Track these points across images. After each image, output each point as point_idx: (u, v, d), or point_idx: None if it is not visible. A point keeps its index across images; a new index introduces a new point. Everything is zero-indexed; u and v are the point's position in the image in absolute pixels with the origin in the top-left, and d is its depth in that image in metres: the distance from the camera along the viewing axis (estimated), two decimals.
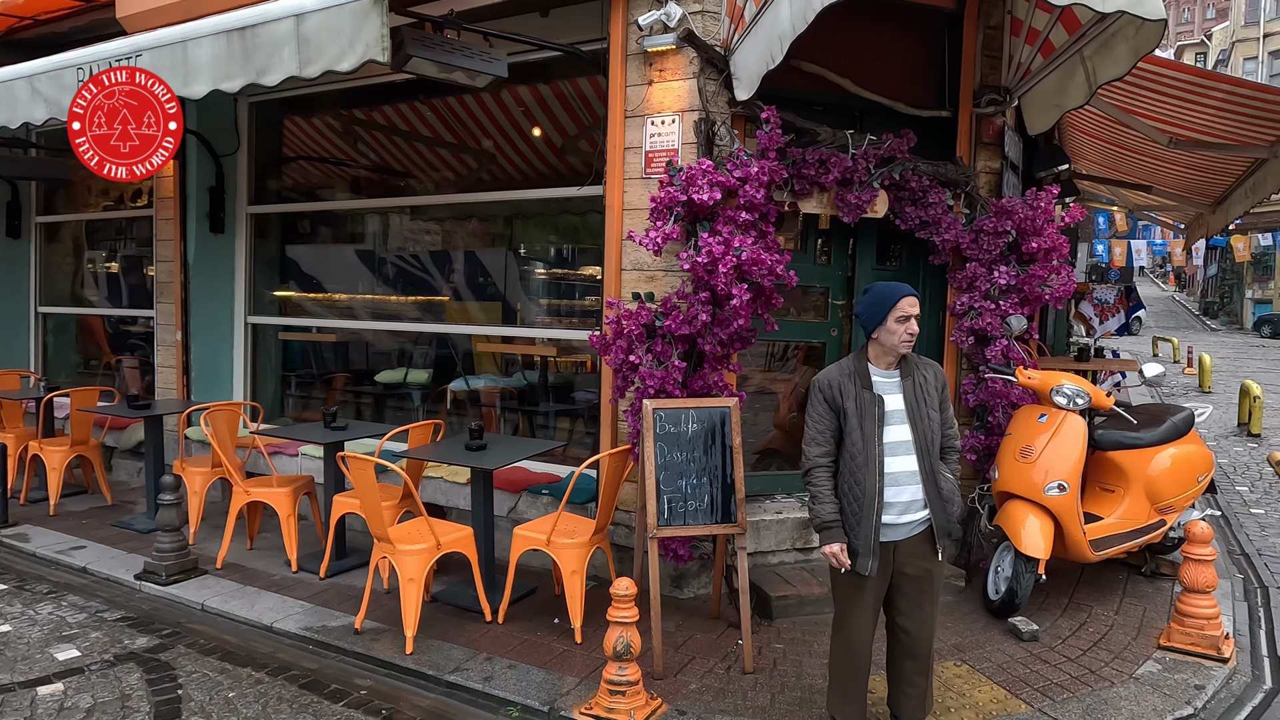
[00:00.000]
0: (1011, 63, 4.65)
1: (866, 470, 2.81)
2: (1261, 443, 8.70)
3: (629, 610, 3.13)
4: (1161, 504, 4.43)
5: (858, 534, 2.83)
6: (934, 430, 2.87)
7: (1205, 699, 3.38)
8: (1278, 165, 5.41)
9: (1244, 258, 22.42)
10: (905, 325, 2.80)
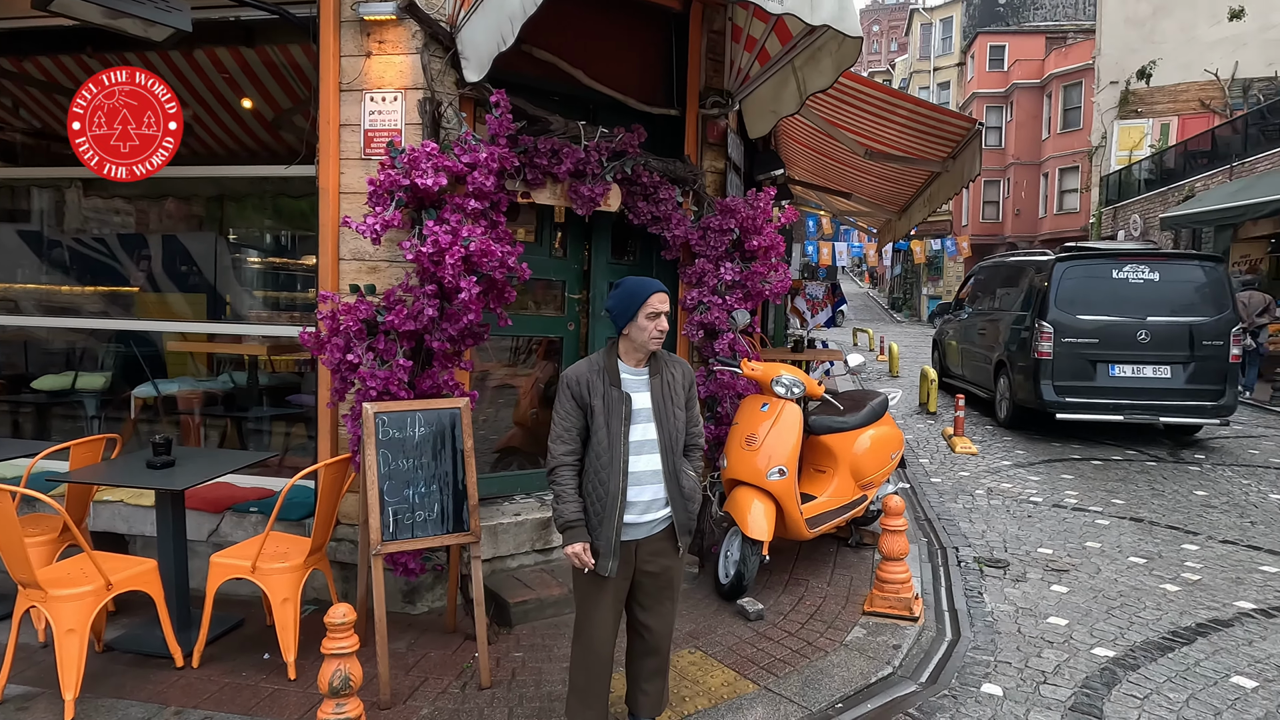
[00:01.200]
0: (733, 68, 4.86)
1: (611, 469, 2.75)
2: (937, 419, 10.08)
3: (346, 639, 2.79)
4: (864, 481, 4.88)
5: (599, 534, 2.77)
6: (679, 429, 2.86)
7: (901, 656, 3.74)
8: (949, 178, 6.22)
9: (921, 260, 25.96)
10: (655, 322, 2.75)
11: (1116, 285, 8.43)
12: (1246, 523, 5.90)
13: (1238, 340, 8.38)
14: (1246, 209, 13.47)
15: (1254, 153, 15.61)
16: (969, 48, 39.09)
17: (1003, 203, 37.75)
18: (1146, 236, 19.42)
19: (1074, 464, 7.71)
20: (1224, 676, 3.59)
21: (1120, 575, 4.82)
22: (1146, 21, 23.31)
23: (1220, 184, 16.22)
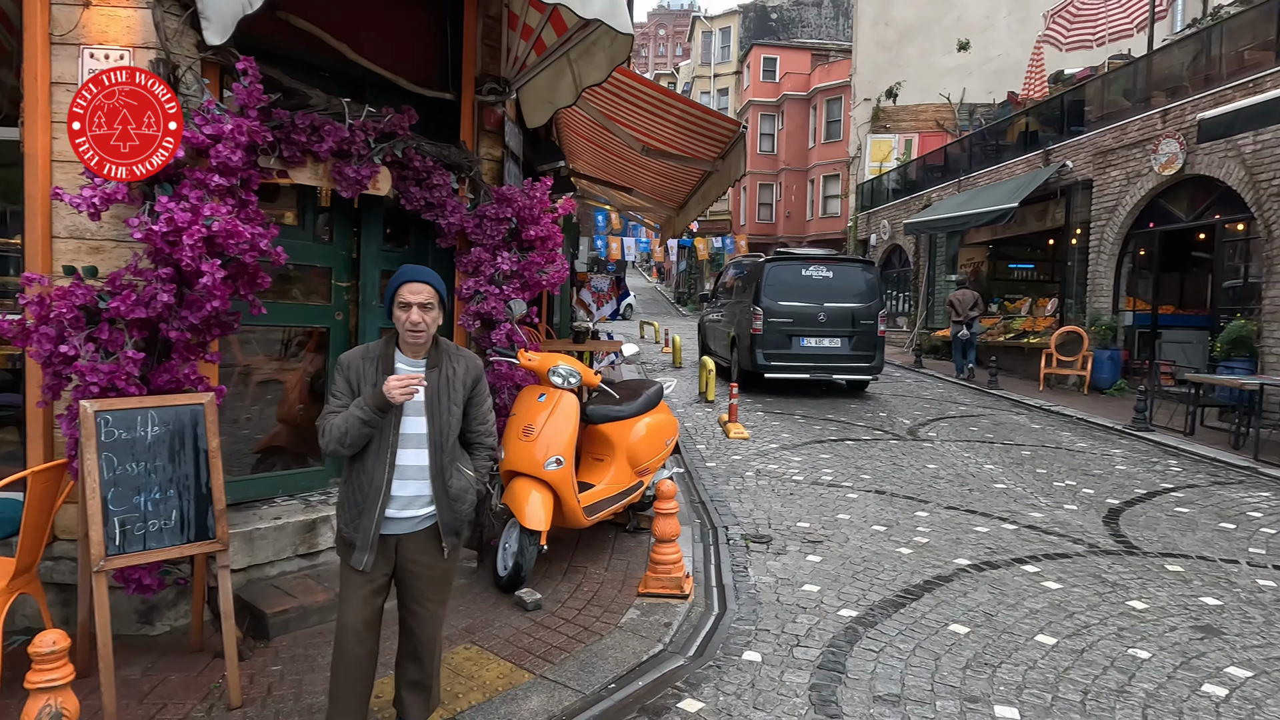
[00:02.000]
0: (510, 55, 4.81)
1: (377, 461, 2.66)
2: (714, 407, 10.64)
3: (57, 670, 2.44)
4: (641, 467, 5.04)
5: (358, 526, 2.67)
6: (451, 425, 2.76)
7: (672, 633, 3.91)
8: (719, 177, 6.56)
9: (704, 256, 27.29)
10: (407, 314, 2.65)
11: (805, 280, 11.45)
12: (966, 490, 6.76)
13: (884, 319, 11.76)
14: (969, 218, 15.43)
15: (977, 169, 17.92)
16: (745, 58, 41.56)
17: (775, 205, 40.54)
18: (894, 239, 21.72)
19: (831, 445, 8.45)
20: (944, 625, 4.09)
21: (865, 543, 5.34)
22: (893, 46, 26.00)
23: (951, 195, 18.46)
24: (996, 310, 17.12)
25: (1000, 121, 18.53)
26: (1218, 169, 10.89)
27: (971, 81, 24.29)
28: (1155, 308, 13.22)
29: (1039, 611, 4.27)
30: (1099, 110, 14.31)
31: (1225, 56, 11.61)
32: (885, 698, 3.35)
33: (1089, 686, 3.49)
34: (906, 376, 15.32)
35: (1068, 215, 14.35)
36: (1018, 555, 5.16)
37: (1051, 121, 15.67)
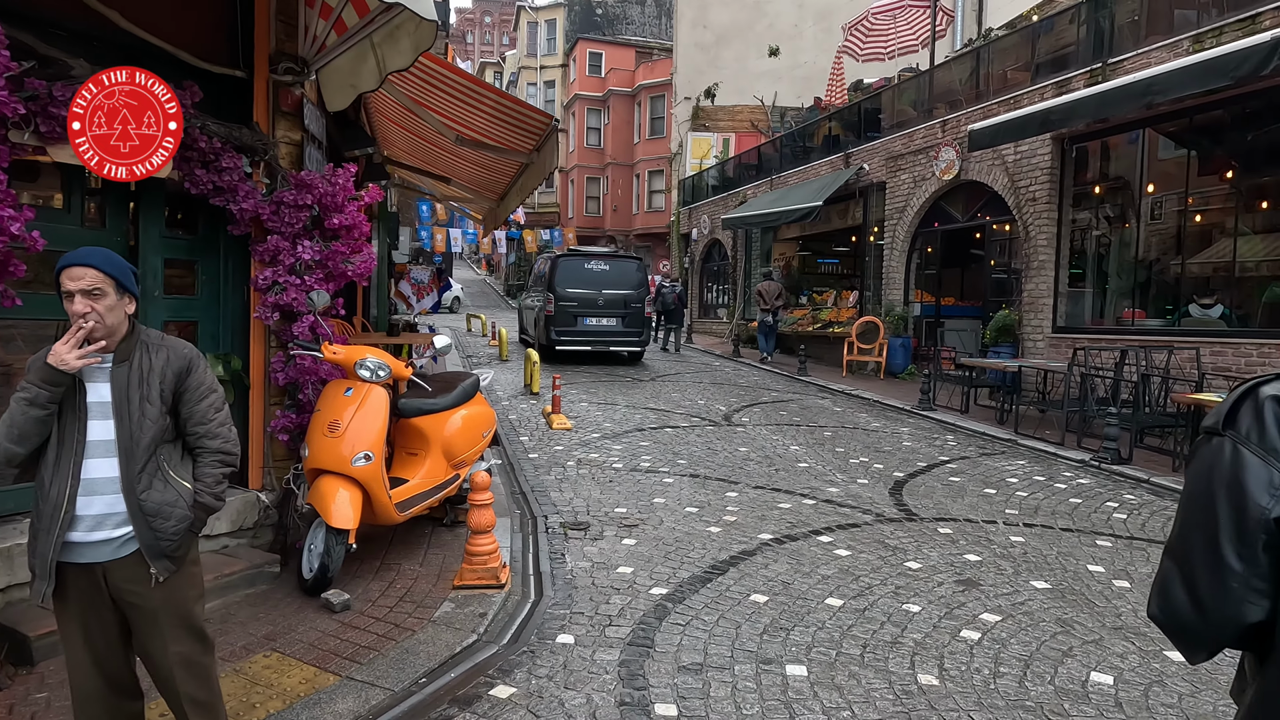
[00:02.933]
0: (308, 34, 4.59)
1: (56, 473, 2.27)
2: (539, 398, 10.68)
3: None
4: (457, 460, 4.99)
5: (35, 551, 2.27)
6: (145, 428, 2.34)
7: (487, 623, 3.92)
8: (535, 169, 6.59)
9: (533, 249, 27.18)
10: (69, 303, 2.25)
11: (587, 272, 14.38)
12: (773, 470, 7.22)
13: (650, 302, 15.32)
14: (780, 215, 16.37)
15: (787, 168, 19.02)
16: (571, 51, 41.66)
17: (603, 199, 41.01)
18: (714, 234, 22.61)
19: (651, 433, 8.73)
20: (746, 596, 4.37)
21: (678, 524, 5.58)
22: (711, 48, 27.01)
23: (764, 192, 19.49)
24: (806, 302, 18.29)
25: (807, 125, 19.77)
26: (987, 175, 12.22)
27: (782, 86, 25.71)
28: (939, 299, 14.65)
29: (830, 577, 4.66)
30: (891, 118, 15.62)
31: (993, 75, 13.03)
32: (689, 667, 3.55)
33: (868, 641, 3.86)
34: (725, 365, 16.05)
35: (865, 214, 15.58)
36: (815, 527, 5.59)
37: (851, 127, 16.93)
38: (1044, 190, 11.16)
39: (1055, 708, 3.27)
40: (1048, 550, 5.19)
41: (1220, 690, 3.48)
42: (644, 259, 17.13)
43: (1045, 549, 5.21)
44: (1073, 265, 11.38)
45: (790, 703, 3.28)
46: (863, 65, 18.20)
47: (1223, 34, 8.49)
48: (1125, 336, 9.86)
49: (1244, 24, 8.33)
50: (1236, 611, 1.18)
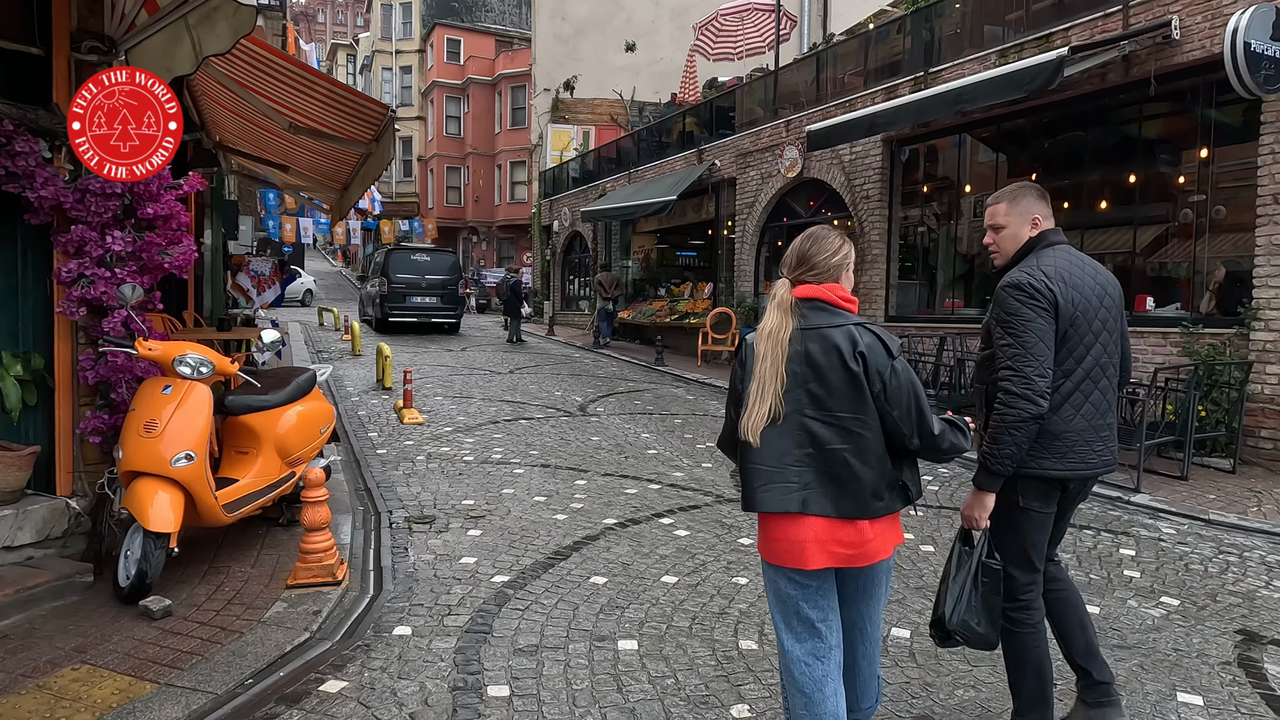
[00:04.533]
0: (115, 11, 4.32)
1: None
2: (391, 394, 10.46)
3: None
4: (292, 458, 4.86)
5: None
6: None
7: (321, 620, 3.87)
8: (376, 159, 6.46)
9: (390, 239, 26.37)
10: None
11: (414, 262, 18.87)
12: (623, 458, 7.43)
13: (467, 285, 21.17)
14: (637, 208, 16.68)
15: (645, 163, 19.37)
16: (429, 36, 40.56)
17: (464, 189, 40.24)
18: (575, 226, 22.72)
19: (505, 425, 8.75)
20: (586, 578, 4.52)
21: (525, 514, 5.66)
22: (570, 40, 27.04)
23: (623, 186, 19.78)
24: (664, 294, 18.73)
25: (664, 120, 20.20)
26: (826, 174, 12.95)
27: (640, 80, 26.10)
28: None
29: (668, 557, 4.88)
30: (741, 117, 16.23)
31: (832, 79, 13.80)
32: (525, 649, 3.65)
33: (697, 613, 4.09)
34: (585, 357, 16.22)
35: (717, 209, 16.14)
36: (658, 510, 5.82)
37: (705, 124, 17.45)
38: (876, 189, 11.96)
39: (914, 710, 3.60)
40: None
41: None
42: (454, 250, 23.38)
43: None
44: (903, 259, 12.28)
45: (619, 675, 3.45)
46: (714, 64, 18.77)
47: (1023, 50, 9.39)
48: (947, 324, 10.75)
49: (1040, 42, 9.25)
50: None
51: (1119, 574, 4.83)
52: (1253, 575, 4.88)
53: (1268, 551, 5.32)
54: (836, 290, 2.45)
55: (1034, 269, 2.72)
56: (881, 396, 2.32)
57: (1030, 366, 2.59)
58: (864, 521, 2.33)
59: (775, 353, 2.36)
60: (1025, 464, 2.66)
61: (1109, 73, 8.48)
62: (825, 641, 2.42)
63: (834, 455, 2.32)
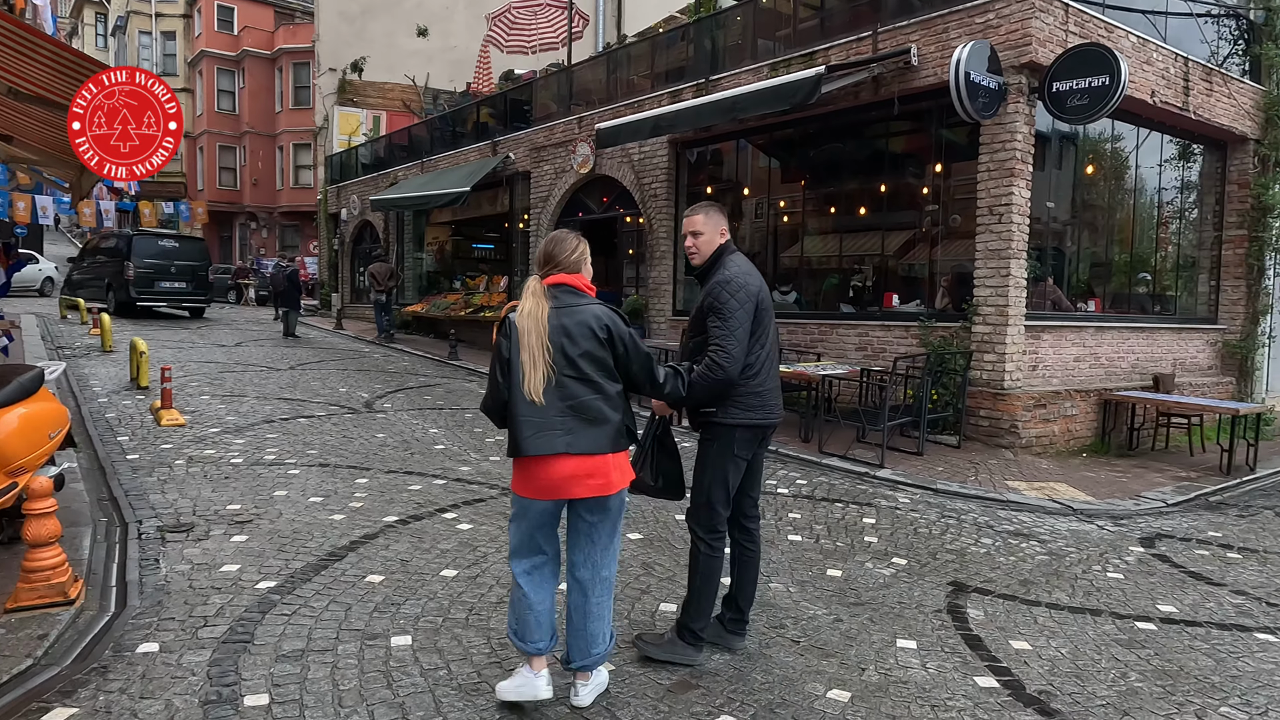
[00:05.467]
0: None
1: None
2: (149, 393, 9.49)
3: None
4: (12, 466, 4.31)
5: None
6: None
7: (48, 645, 3.49)
8: None
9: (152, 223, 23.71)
10: None
11: (162, 247, 18.52)
12: (409, 454, 7.25)
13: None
14: (430, 198, 16.25)
15: (439, 152, 18.88)
16: (195, 1, 36.93)
17: (241, 171, 37.14)
18: (365, 215, 21.69)
19: (282, 424, 8.24)
20: (362, 578, 4.39)
21: (299, 515, 5.39)
22: (357, 20, 25.73)
23: (416, 175, 19.16)
24: (460, 286, 18.38)
25: (459, 109, 19.78)
26: (617, 171, 13.31)
27: (434, 67, 25.38)
28: None
29: (449, 551, 4.86)
30: (536, 111, 16.26)
31: (623, 79, 14.19)
32: (289, 655, 3.50)
33: (475, 604, 4.12)
34: (375, 352, 15.58)
35: (512, 202, 16.08)
36: (442, 505, 5.76)
37: (500, 116, 17.30)
38: (663, 188, 12.47)
39: (627, 636, 3.79)
40: (645, 506, 5.91)
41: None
42: (203, 238, 22.73)
43: (644, 505, 5.93)
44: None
45: (390, 671, 3.41)
46: (508, 56, 18.65)
47: (791, 65, 10.18)
48: None
49: (805, 59, 10.07)
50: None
51: (860, 540, 5.42)
52: (966, 535, 5.66)
53: (979, 514, 6.20)
54: (580, 279, 3.14)
55: (738, 270, 3.45)
56: (625, 357, 3.09)
57: (734, 346, 3.34)
58: (609, 455, 3.02)
59: (539, 329, 2.99)
60: (738, 418, 3.44)
61: (861, 91, 9.41)
62: (550, 561, 3.18)
63: (590, 405, 3.00)
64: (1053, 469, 7.79)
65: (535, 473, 3.01)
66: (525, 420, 2.98)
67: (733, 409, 3.44)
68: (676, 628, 3.62)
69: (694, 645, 3.56)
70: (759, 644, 3.81)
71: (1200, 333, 11.13)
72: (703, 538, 3.55)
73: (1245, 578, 5.09)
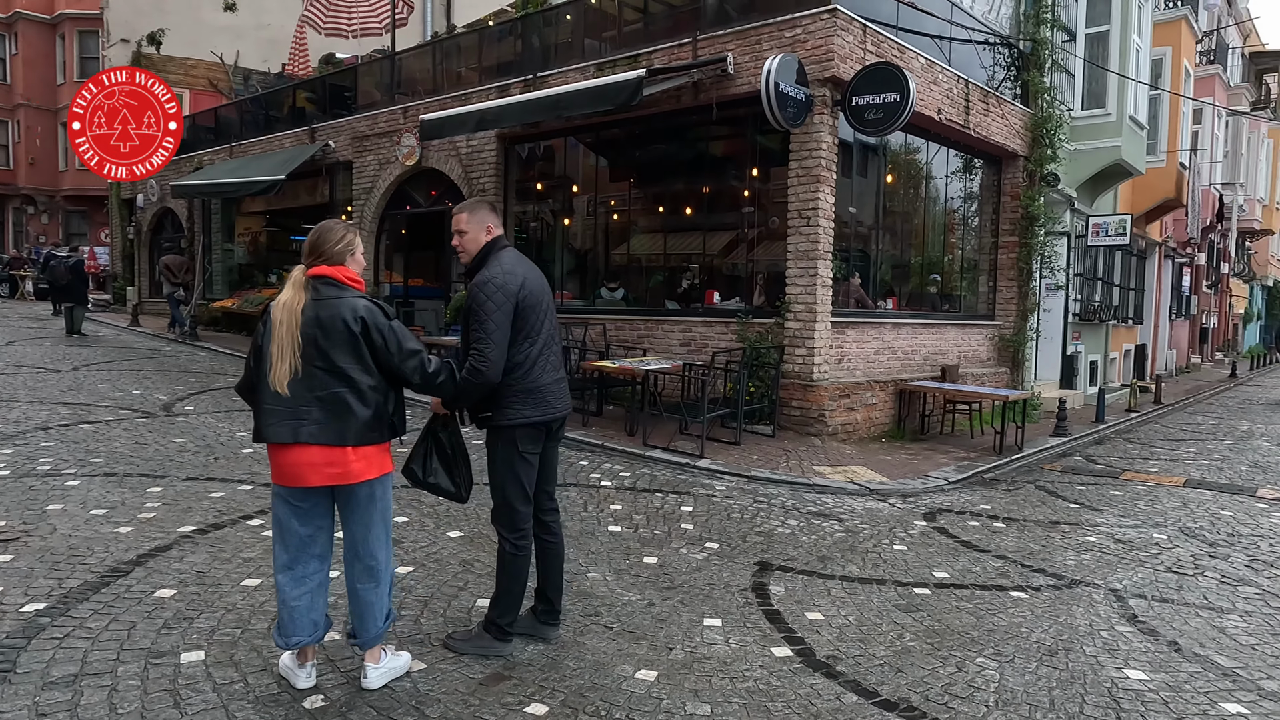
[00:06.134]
0: None
1: None
2: None
3: None
4: None
5: None
6: None
7: None
8: None
9: None
10: None
11: None
12: (211, 459, 6.77)
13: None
14: (240, 186, 15.18)
15: (250, 136, 17.65)
16: None
17: (13, 149, 33.03)
18: (166, 201, 19.92)
19: (61, 431, 7.44)
20: (149, 593, 4.07)
21: (77, 530, 4.91)
22: None
23: (224, 160, 17.82)
24: (276, 281, 17.30)
25: (273, 92, 18.58)
26: (445, 165, 13.02)
27: (245, 45, 23.68)
28: (406, 280, 15.18)
29: (252, 559, 4.59)
30: (359, 98, 15.57)
31: (451, 70, 13.88)
32: (59, 681, 3.20)
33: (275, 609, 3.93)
34: (177, 351, 14.34)
35: (332, 192, 15.32)
36: (247, 512, 5.43)
37: (319, 101, 16.41)
38: (492, 183, 12.34)
39: (439, 636, 3.76)
40: (470, 505, 5.84)
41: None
42: None
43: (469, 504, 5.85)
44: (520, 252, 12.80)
45: (179, 690, 3.20)
46: (328, 39, 17.75)
47: (616, 66, 10.37)
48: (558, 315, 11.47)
49: (629, 61, 10.29)
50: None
51: (677, 528, 5.65)
52: (775, 518, 6.04)
53: (788, 497, 6.62)
54: (343, 271, 3.15)
55: (499, 270, 3.42)
56: (384, 351, 3.09)
57: (491, 350, 3.32)
58: (349, 448, 3.04)
59: (290, 321, 3.03)
60: (515, 418, 3.44)
61: (683, 95, 9.74)
62: (308, 552, 3.18)
63: (338, 397, 3.03)
64: (855, 454, 8.44)
65: (276, 460, 3.11)
66: (267, 408, 3.05)
67: (511, 408, 3.43)
68: (484, 622, 3.64)
69: (502, 639, 3.59)
70: (573, 632, 3.89)
71: (981, 328, 12.41)
72: (507, 537, 3.56)
73: (1006, 544, 5.76)
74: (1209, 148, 21.71)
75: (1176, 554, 5.66)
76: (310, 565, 3.20)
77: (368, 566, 3.23)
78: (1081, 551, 5.65)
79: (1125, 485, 7.97)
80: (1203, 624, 4.40)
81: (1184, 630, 4.30)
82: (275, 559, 3.20)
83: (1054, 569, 5.23)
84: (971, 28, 11.32)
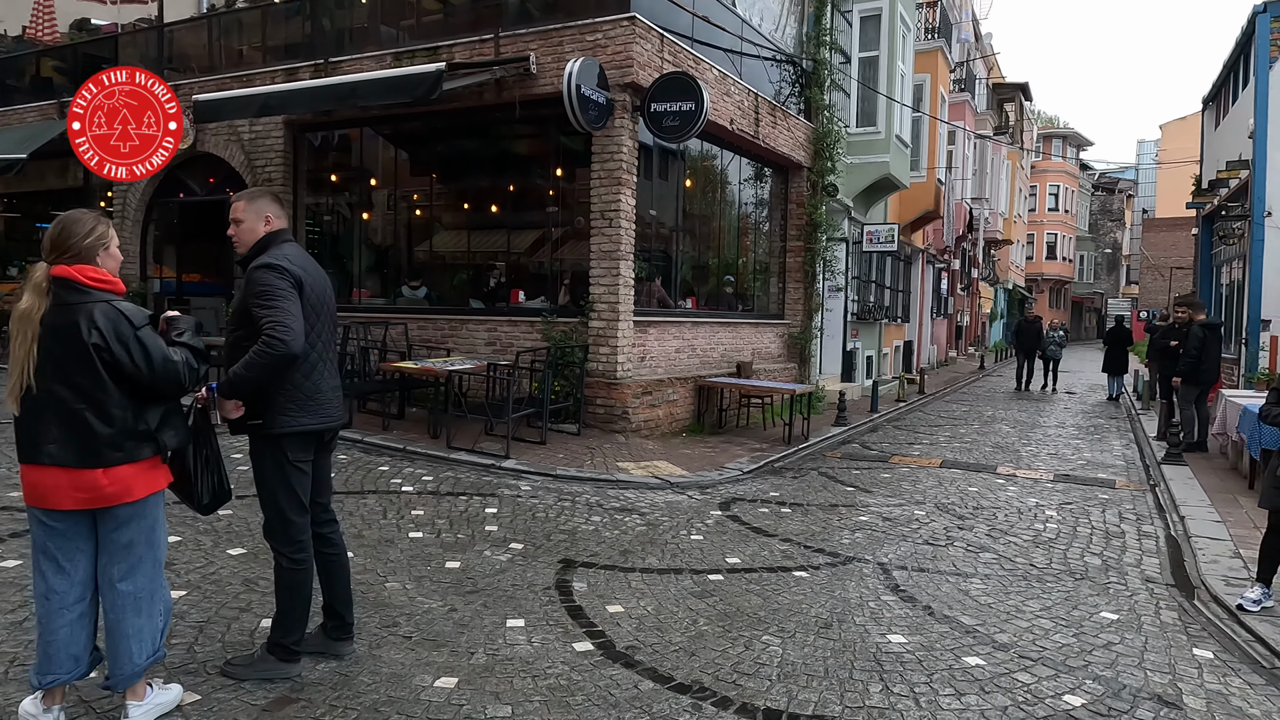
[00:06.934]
0: None
1: None
2: None
3: None
4: None
5: None
6: None
7: None
8: None
9: None
10: None
11: None
12: None
13: None
14: None
15: None
16: None
17: None
18: None
19: None
20: None
21: None
22: None
23: None
24: (17, 274, 15.17)
25: (12, 58, 16.24)
26: (224, 150, 12.00)
27: None
28: (179, 275, 13.85)
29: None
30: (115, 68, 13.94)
31: (231, 48, 12.81)
32: None
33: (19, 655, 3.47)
34: None
35: (88, 175, 13.58)
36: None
37: (69, 72, 14.53)
38: (279, 173, 11.53)
39: (217, 663, 3.48)
40: (251, 519, 5.45)
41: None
42: None
43: (250, 518, 5.46)
44: (311, 248, 12.08)
45: None
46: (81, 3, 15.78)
47: (415, 57, 10.04)
48: (356, 314, 10.94)
49: (429, 53, 10.00)
50: None
51: (481, 530, 5.59)
52: (579, 515, 6.13)
53: (592, 494, 6.74)
54: (86, 270, 2.80)
55: (279, 256, 3.23)
56: (130, 364, 2.76)
57: (292, 320, 3.10)
58: (99, 470, 2.75)
59: (26, 333, 2.73)
60: (289, 425, 3.22)
61: (485, 92, 9.61)
62: (69, 578, 2.85)
63: (76, 414, 2.74)
64: (657, 449, 8.74)
65: (25, 478, 2.84)
66: (17, 426, 2.82)
67: (286, 414, 3.21)
68: (267, 644, 3.41)
69: (288, 660, 3.39)
70: (369, 645, 3.75)
71: (772, 326, 13.28)
72: (283, 552, 3.33)
73: (792, 528, 6.22)
74: (960, 166, 24.54)
75: (932, 528, 6.38)
76: (71, 593, 2.87)
77: (124, 593, 2.91)
78: (855, 530, 6.22)
79: (894, 468, 8.85)
80: (951, 588, 4.99)
81: (936, 595, 4.85)
82: (34, 586, 2.90)
83: (832, 548, 5.72)
84: (760, 44, 12.06)
